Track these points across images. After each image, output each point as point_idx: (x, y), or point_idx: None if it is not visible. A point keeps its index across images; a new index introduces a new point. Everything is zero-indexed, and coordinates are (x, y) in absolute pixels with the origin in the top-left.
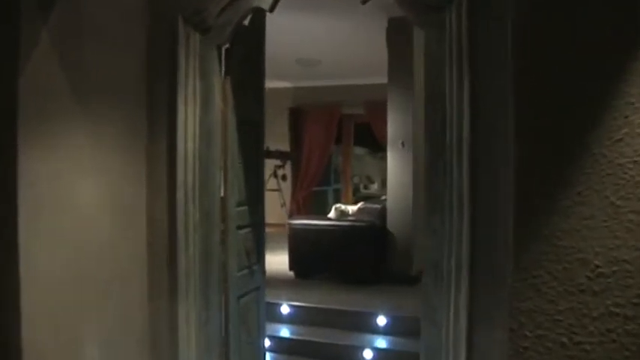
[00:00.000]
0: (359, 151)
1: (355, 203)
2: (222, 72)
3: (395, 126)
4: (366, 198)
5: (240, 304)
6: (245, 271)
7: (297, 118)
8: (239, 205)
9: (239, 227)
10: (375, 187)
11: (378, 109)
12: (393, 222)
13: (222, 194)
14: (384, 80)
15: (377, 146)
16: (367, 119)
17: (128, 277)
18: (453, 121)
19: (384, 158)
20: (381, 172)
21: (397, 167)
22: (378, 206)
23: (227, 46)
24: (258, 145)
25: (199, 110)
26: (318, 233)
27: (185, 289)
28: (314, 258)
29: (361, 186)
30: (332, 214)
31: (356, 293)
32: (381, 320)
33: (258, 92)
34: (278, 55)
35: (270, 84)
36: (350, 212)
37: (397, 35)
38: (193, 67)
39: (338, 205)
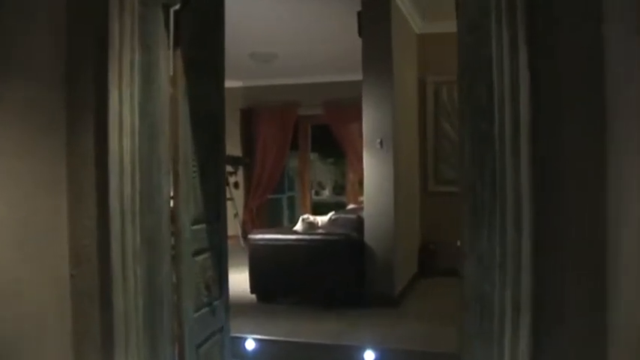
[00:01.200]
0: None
1: (313, 212)
2: (171, 43)
3: (372, 124)
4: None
5: (200, 355)
6: (205, 310)
7: (250, 120)
8: (195, 222)
9: (196, 252)
10: (326, 194)
11: (338, 110)
12: (371, 234)
13: (171, 209)
14: (348, 77)
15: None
16: (326, 120)
17: (42, 327)
18: (503, 101)
19: (335, 164)
20: (331, 178)
21: (375, 170)
22: (353, 216)
23: (177, 7)
24: (219, 145)
25: (139, 94)
26: (284, 250)
27: (124, 340)
28: (280, 279)
29: (312, 192)
30: (298, 227)
31: (333, 321)
32: (369, 356)
33: (217, 75)
34: (229, 49)
35: None
36: (319, 224)
37: (373, 24)
38: (130, 33)
39: (305, 216)
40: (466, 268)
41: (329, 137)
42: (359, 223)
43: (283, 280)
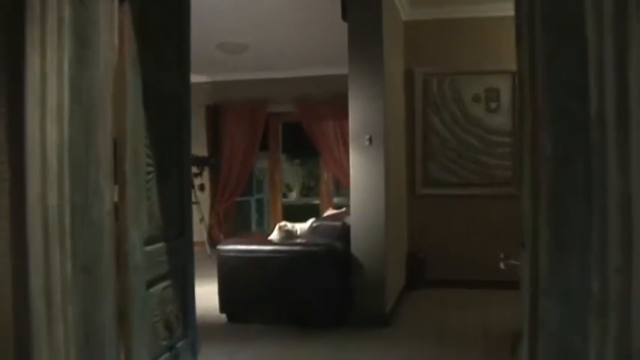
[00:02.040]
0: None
1: (284, 216)
2: None
3: (360, 119)
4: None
5: None
6: (165, 358)
7: (216, 117)
8: (150, 241)
9: (151, 282)
10: (293, 196)
11: (312, 106)
12: (359, 243)
13: (117, 224)
14: (322, 71)
15: (296, 151)
16: (299, 118)
17: None
18: (602, 67)
19: (302, 164)
20: (299, 180)
21: (364, 170)
22: (337, 223)
23: None
24: (182, 136)
25: (70, 64)
26: (259, 263)
27: None
28: (254, 296)
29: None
30: (275, 236)
31: (316, 345)
32: None
33: (181, 41)
34: (194, 40)
35: None
36: (298, 232)
37: (361, 10)
38: None
39: (283, 224)
40: (543, 312)
41: (297, 136)
42: (344, 231)
43: (258, 297)
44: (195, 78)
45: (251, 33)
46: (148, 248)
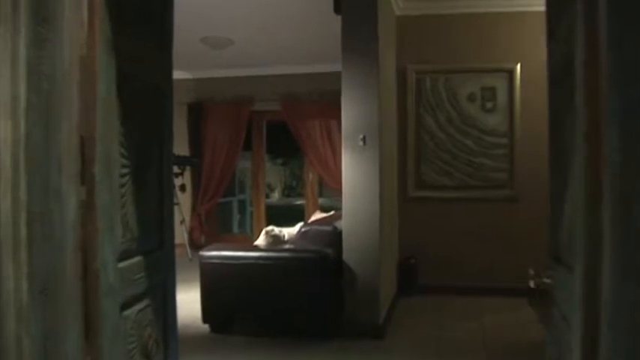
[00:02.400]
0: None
1: (267, 218)
2: None
3: (353, 118)
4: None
5: None
6: None
7: (199, 115)
8: (124, 256)
9: (126, 303)
10: (275, 196)
11: (298, 105)
12: (352, 250)
13: (84, 237)
14: (309, 69)
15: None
16: (284, 117)
17: None
18: None
19: (284, 164)
20: (281, 180)
21: (357, 172)
22: (328, 228)
23: None
24: (162, 134)
25: (27, 44)
26: (244, 270)
27: None
28: (239, 305)
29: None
30: (261, 241)
31: (305, 359)
32: None
33: (161, 29)
34: (177, 32)
35: None
36: (286, 237)
37: (356, 2)
38: None
39: (270, 229)
40: (606, 351)
41: (279, 136)
42: (335, 236)
43: (243, 306)
44: (176, 74)
45: (236, 27)
46: (122, 264)
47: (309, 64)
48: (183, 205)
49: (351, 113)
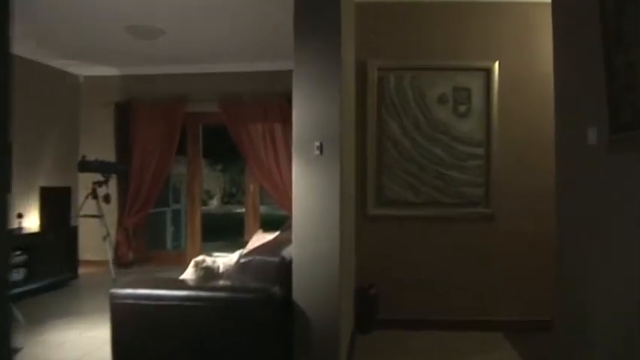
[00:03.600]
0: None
1: (203, 230)
2: None
3: (308, 123)
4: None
5: None
6: None
7: (127, 117)
8: None
9: None
10: (214, 204)
11: (238, 106)
12: (304, 287)
13: None
14: (252, 67)
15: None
16: (222, 119)
17: None
18: None
19: (224, 170)
20: (220, 186)
21: (311, 187)
22: (274, 260)
23: None
24: None
25: None
26: (167, 314)
27: None
28: (161, 357)
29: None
30: (189, 275)
31: None
32: None
33: None
34: (98, 19)
35: (87, 70)
36: (221, 270)
37: None
38: None
39: (200, 259)
40: None
41: (218, 139)
42: (283, 269)
43: (167, 358)
44: (102, 70)
45: (167, 15)
46: None
47: (252, 60)
48: (107, 217)
49: (304, 116)
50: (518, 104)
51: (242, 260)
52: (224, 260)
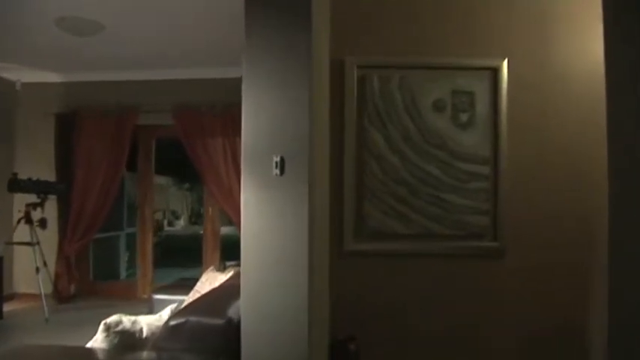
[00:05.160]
0: (161, 180)
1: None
2: None
3: (261, 130)
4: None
5: None
6: None
7: (70, 129)
8: None
9: None
10: (181, 224)
11: (195, 118)
12: (257, 357)
13: None
14: (213, 74)
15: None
16: (177, 132)
17: None
18: None
19: (191, 189)
20: (188, 206)
21: (265, 218)
22: (217, 322)
23: None
24: None
25: None
26: None
27: None
28: None
29: (165, 222)
30: (99, 343)
31: None
32: None
33: None
34: (21, 10)
35: (25, 75)
36: (144, 334)
37: None
38: None
39: (114, 320)
40: None
41: (184, 156)
42: (230, 332)
43: None
44: (41, 77)
45: (104, 6)
46: None
47: (211, 66)
48: (45, 244)
49: (258, 120)
50: (532, 112)
51: (173, 322)
52: (148, 320)
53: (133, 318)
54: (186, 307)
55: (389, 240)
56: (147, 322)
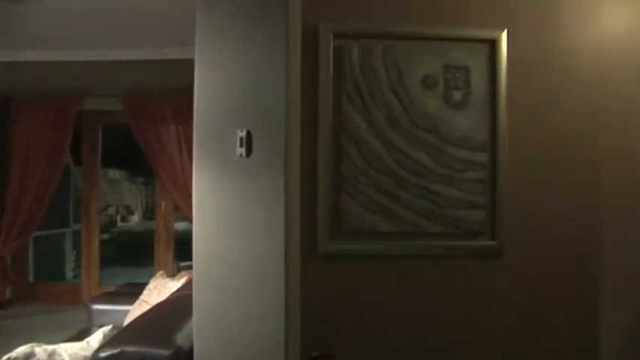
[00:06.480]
0: (115, 174)
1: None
2: None
3: (217, 95)
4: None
5: None
6: None
7: (5, 115)
8: None
9: None
10: (135, 220)
11: (146, 103)
12: None
13: None
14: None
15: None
16: (127, 119)
17: None
18: None
19: (146, 183)
20: (142, 201)
21: (225, 213)
22: (160, 353)
23: None
24: None
25: None
26: None
27: None
28: None
29: (118, 218)
30: None
31: None
32: None
33: None
34: None
35: None
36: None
37: None
38: None
39: (24, 352)
40: None
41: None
42: None
43: None
44: None
45: None
46: None
47: (164, 46)
48: None
49: (215, 83)
50: (535, 91)
51: (103, 354)
52: (73, 349)
53: (50, 348)
54: (123, 330)
55: (371, 239)
56: (70, 353)
